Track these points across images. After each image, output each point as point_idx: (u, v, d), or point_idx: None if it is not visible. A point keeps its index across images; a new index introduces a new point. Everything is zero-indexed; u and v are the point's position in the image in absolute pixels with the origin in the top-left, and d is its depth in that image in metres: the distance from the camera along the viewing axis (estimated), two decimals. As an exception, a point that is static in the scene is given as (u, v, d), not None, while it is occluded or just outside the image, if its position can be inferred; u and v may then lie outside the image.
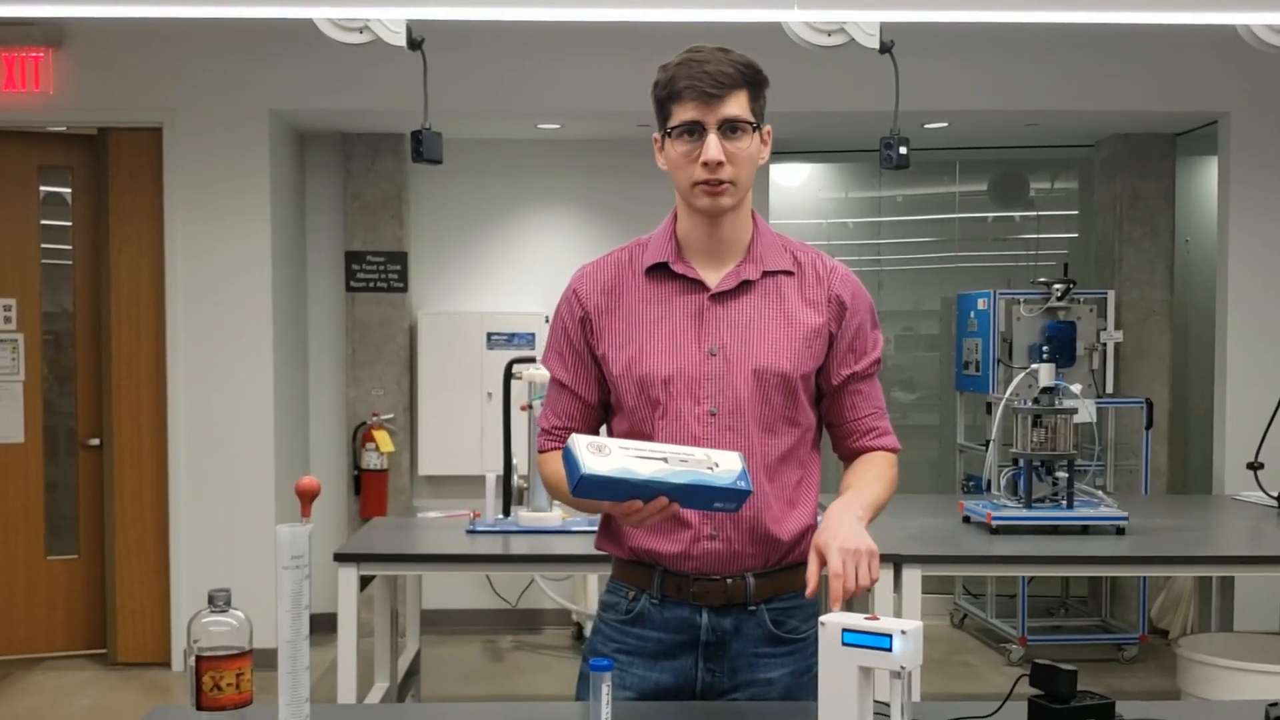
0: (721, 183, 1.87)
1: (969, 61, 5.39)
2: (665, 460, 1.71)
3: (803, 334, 1.94)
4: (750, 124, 1.88)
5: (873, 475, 1.98)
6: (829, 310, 1.96)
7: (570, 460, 1.70)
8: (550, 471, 2.00)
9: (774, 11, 4.11)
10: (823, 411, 2.03)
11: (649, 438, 1.91)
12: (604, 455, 1.70)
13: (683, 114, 1.86)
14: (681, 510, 1.82)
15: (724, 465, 1.74)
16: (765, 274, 1.95)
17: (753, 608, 1.94)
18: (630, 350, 1.94)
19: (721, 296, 1.94)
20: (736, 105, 1.86)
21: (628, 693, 1.93)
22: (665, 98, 1.89)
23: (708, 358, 1.92)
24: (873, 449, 2.03)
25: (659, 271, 1.97)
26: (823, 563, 1.76)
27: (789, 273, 1.97)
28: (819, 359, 1.96)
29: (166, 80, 5.34)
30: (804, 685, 1.96)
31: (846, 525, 1.80)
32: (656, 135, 1.94)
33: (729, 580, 1.93)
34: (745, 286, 1.95)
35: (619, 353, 1.95)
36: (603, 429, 2.05)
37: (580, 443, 1.71)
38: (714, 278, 1.95)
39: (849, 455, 2.05)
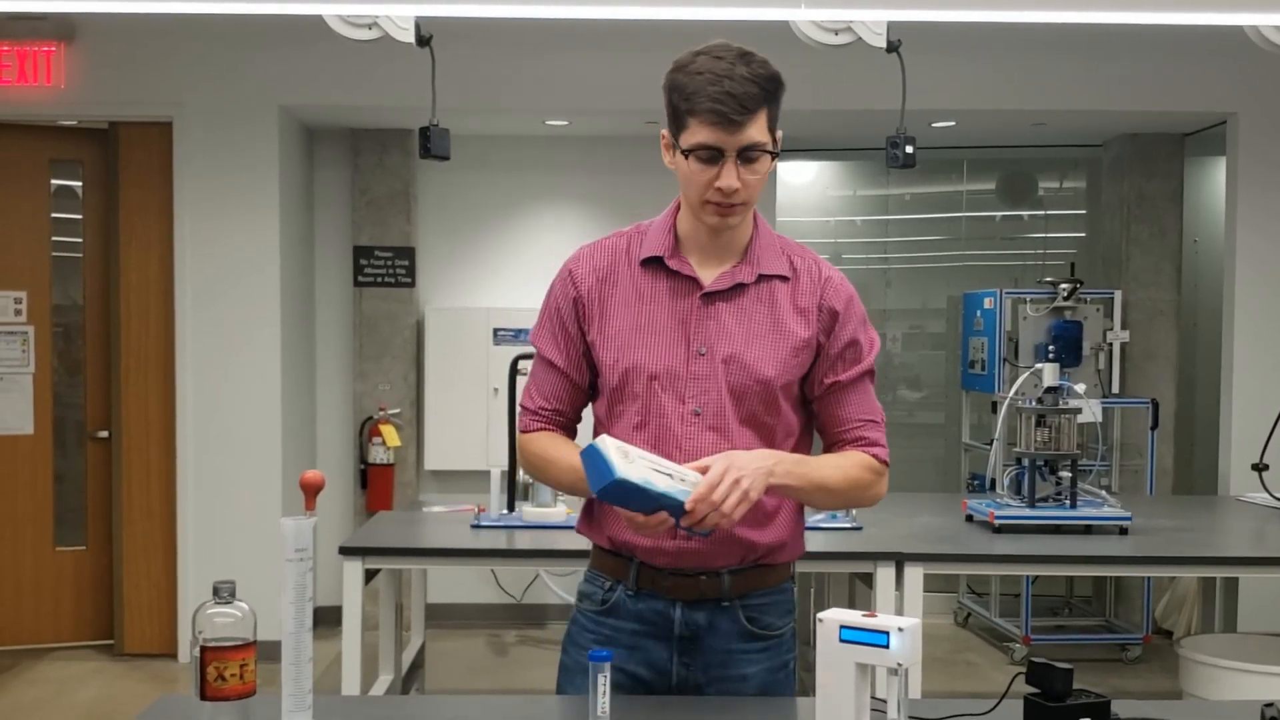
0: (734, 205, 1.84)
1: (976, 61, 5.39)
2: (670, 477, 1.72)
3: (790, 342, 1.91)
4: (769, 151, 1.81)
5: (829, 459, 1.94)
6: (819, 319, 1.92)
7: (600, 461, 1.68)
8: (534, 452, 1.98)
9: (781, 10, 4.11)
10: (814, 418, 1.99)
11: (628, 429, 1.90)
12: (630, 462, 1.69)
13: (701, 135, 1.78)
14: None
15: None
16: (761, 278, 1.92)
17: (726, 603, 1.93)
18: (619, 342, 1.92)
19: (713, 297, 1.91)
20: (757, 129, 1.79)
21: None
22: (683, 109, 1.80)
23: (695, 357, 1.90)
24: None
25: (654, 265, 1.94)
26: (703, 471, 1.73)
27: (784, 278, 1.93)
28: (804, 368, 1.93)
29: (176, 75, 5.36)
30: (780, 681, 1.97)
31: (751, 460, 1.77)
32: (665, 133, 1.86)
33: (703, 576, 1.92)
34: (739, 289, 1.91)
35: (608, 343, 1.93)
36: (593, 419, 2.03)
37: (610, 446, 1.70)
38: (709, 276, 1.92)
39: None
